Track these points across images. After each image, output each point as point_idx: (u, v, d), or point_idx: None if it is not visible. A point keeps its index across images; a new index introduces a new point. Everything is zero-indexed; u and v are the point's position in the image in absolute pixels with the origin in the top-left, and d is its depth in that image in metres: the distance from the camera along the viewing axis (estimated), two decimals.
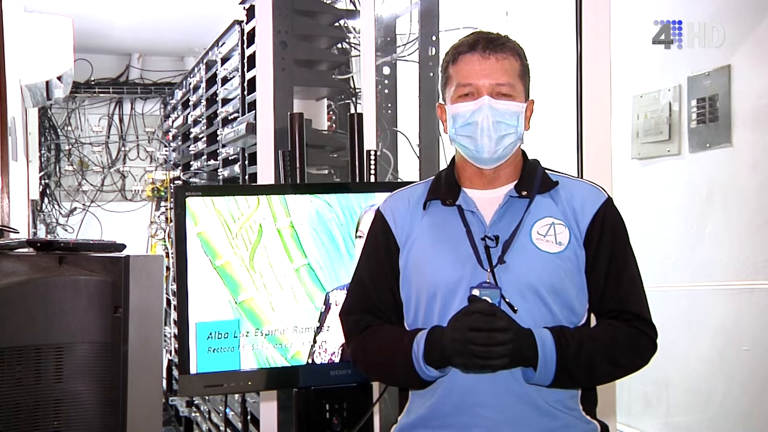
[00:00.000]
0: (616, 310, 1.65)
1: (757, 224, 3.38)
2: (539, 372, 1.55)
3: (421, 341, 1.59)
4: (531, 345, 1.54)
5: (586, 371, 1.59)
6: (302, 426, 2.13)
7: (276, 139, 2.60)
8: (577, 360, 1.56)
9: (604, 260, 1.65)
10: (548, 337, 1.56)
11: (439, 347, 1.56)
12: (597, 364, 1.59)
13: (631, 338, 1.62)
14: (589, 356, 1.57)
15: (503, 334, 1.49)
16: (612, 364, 1.62)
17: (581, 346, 1.57)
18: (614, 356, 1.61)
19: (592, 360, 1.58)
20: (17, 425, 1.31)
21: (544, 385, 1.58)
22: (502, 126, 1.62)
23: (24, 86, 4.20)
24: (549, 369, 1.55)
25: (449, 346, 1.53)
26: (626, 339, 1.62)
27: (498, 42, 1.64)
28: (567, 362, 1.55)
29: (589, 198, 1.69)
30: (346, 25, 3.07)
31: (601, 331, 1.63)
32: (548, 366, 1.55)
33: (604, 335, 1.62)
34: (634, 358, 1.64)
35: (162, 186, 5.86)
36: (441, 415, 1.64)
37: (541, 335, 1.55)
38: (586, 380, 1.63)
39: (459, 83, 1.64)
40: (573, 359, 1.56)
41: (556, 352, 1.55)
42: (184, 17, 5.30)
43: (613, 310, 1.65)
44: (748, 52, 3.41)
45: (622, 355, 1.62)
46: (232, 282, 2.05)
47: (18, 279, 1.34)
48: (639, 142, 3.96)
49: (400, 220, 1.72)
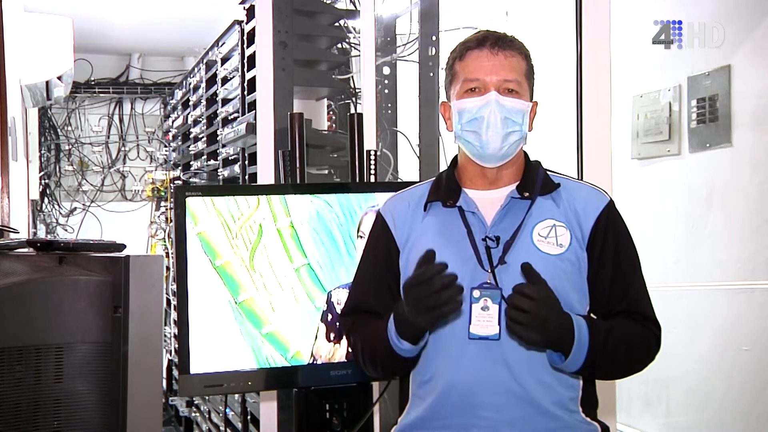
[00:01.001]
0: (626, 311, 1.66)
1: (757, 224, 3.38)
2: (571, 358, 1.55)
3: (391, 317, 1.60)
4: (568, 330, 1.53)
5: (608, 363, 1.60)
6: (302, 426, 2.13)
7: (276, 139, 2.60)
8: (604, 350, 1.57)
9: (610, 263, 1.65)
10: (583, 323, 1.56)
11: (403, 317, 1.56)
12: (618, 356, 1.60)
13: (645, 335, 1.65)
14: (613, 348, 1.59)
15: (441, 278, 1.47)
16: (629, 357, 1.63)
17: (608, 336, 1.58)
18: (632, 351, 1.63)
19: (615, 352, 1.59)
20: (17, 425, 1.31)
21: (569, 371, 1.58)
22: (509, 122, 1.62)
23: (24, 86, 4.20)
24: (580, 356, 1.55)
25: (409, 312, 1.54)
26: (642, 336, 1.64)
27: (506, 40, 1.65)
28: (596, 351, 1.56)
29: (592, 201, 1.69)
30: (346, 25, 3.07)
31: (623, 327, 1.64)
32: (580, 353, 1.54)
33: (625, 330, 1.63)
34: (645, 355, 1.66)
35: (162, 186, 5.85)
36: (441, 416, 1.64)
37: (577, 321, 1.55)
38: (605, 372, 1.65)
39: (466, 78, 1.63)
40: (601, 349, 1.56)
41: (589, 339, 1.55)
42: (184, 17, 5.30)
43: (623, 312, 1.66)
44: (748, 52, 3.41)
45: (637, 351, 1.65)
46: (232, 282, 2.05)
47: (18, 279, 1.34)
48: (639, 142, 3.96)
49: (400, 222, 1.73)
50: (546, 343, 1.54)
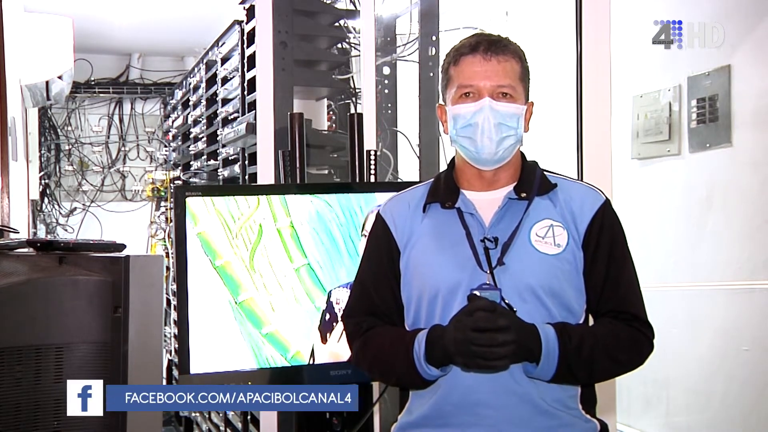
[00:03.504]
0: (614, 311, 1.66)
1: (757, 224, 3.38)
2: (541, 366, 1.56)
3: (422, 340, 1.59)
4: (534, 339, 1.54)
5: (586, 367, 1.59)
6: (302, 426, 2.13)
7: (276, 139, 2.60)
8: (579, 355, 1.57)
9: (603, 262, 1.66)
10: (551, 331, 1.56)
11: (440, 346, 1.56)
12: (597, 360, 1.60)
13: (631, 337, 1.63)
14: (590, 352, 1.58)
15: (504, 334, 1.49)
16: (612, 360, 1.62)
17: (583, 341, 1.58)
18: (614, 353, 1.62)
19: (593, 356, 1.59)
20: (17, 425, 1.31)
21: (545, 379, 1.58)
22: (503, 128, 1.63)
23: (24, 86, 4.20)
24: (551, 363, 1.55)
25: (451, 346, 1.53)
26: (626, 337, 1.63)
27: (500, 44, 1.65)
28: (568, 357, 1.56)
29: (588, 200, 1.69)
30: (346, 25, 3.07)
31: (602, 328, 1.64)
32: (550, 360, 1.55)
33: (605, 332, 1.63)
34: (632, 356, 1.65)
35: (162, 186, 5.85)
36: (442, 415, 1.64)
37: (544, 330, 1.56)
38: (585, 376, 1.63)
39: (460, 84, 1.64)
40: (574, 354, 1.56)
41: (559, 346, 1.55)
42: (184, 17, 5.29)
43: (611, 311, 1.66)
44: (748, 52, 3.41)
45: (622, 353, 1.63)
46: (232, 282, 2.05)
47: (18, 279, 1.34)
48: (639, 142, 3.96)
49: (400, 223, 1.73)
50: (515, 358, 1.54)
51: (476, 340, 1.49)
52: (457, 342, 1.51)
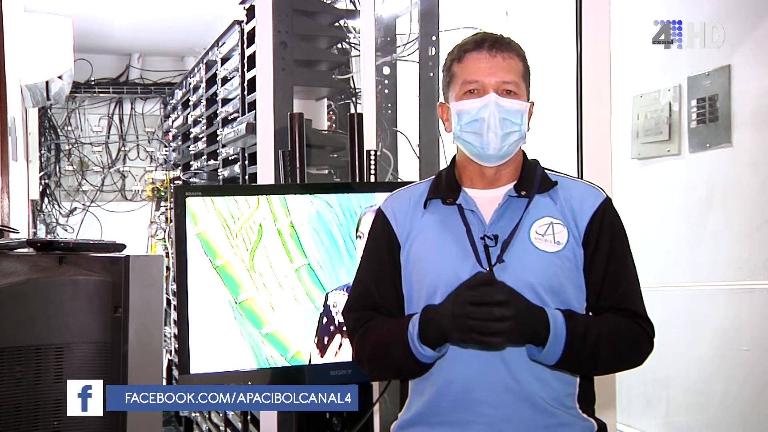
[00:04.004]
0: (615, 308, 1.66)
1: (757, 224, 3.39)
2: (547, 349, 1.54)
3: (416, 321, 1.59)
4: (542, 321, 1.53)
5: (590, 355, 1.59)
6: (302, 426, 2.13)
7: (276, 139, 2.60)
8: (584, 342, 1.56)
9: (603, 259, 1.66)
10: (559, 315, 1.56)
11: (434, 323, 1.55)
12: (601, 350, 1.59)
13: (634, 331, 1.64)
14: (596, 339, 1.58)
15: (502, 309, 1.47)
16: (615, 353, 1.62)
17: (589, 329, 1.58)
18: (618, 346, 1.62)
19: (599, 344, 1.58)
20: (17, 425, 1.31)
21: (548, 363, 1.58)
22: (508, 123, 1.63)
23: (24, 86, 4.20)
24: (558, 347, 1.54)
25: (447, 321, 1.51)
26: (629, 331, 1.63)
27: (504, 42, 1.67)
28: (575, 342, 1.55)
29: (588, 198, 1.69)
30: (346, 25, 3.07)
31: (607, 321, 1.64)
32: (558, 344, 1.54)
33: (610, 324, 1.63)
34: (634, 351, 1.65)
35: (162, 186, 5.85)
36: (439, 412, 1.64)
37: (552, 313, 1.56)
38: (589, 364, 1.62)
39: (465, 80, 1.64)
40: (580, 340, 1.56)
41: (567, 330, 1.55)
42: (184, 17, 5.30)
43: (612, 308, 1.66)
44: (748, 52, 3.41)
45: (625, 347, 1.63)
46: (232, 282, 2.05)
47: (18, 279, 1.34)
48: (639, 142, 3.96)
49: (401, 218, 1.73)
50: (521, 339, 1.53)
51: (473, 313, 1.48)
52: (455, 316, 1.50)
